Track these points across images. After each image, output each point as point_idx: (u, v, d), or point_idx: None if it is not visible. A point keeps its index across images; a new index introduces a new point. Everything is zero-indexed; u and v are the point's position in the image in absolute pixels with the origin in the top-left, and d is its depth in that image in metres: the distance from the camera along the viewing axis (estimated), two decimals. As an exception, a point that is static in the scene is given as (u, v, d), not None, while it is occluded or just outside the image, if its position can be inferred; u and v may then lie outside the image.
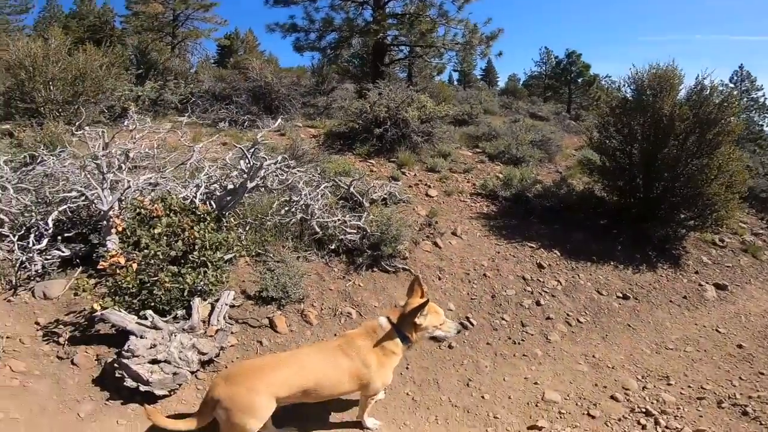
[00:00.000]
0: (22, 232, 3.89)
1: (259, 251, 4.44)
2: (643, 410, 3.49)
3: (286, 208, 4.87)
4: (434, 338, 2.92)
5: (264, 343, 3.64)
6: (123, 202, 4.24)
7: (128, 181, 4.29)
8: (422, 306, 2.72)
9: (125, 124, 5.39)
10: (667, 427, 3.28)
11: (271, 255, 4.40)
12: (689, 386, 3.86)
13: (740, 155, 5.80)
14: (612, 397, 3.67)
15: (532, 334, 4.33)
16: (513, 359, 4.04)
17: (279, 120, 6.05)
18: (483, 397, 3.59)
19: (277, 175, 5.10)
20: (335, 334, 3.75)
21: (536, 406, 3.53)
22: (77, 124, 5.34)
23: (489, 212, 6.14)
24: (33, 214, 4.05)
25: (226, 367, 3.26)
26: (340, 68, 15.22)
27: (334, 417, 3.28)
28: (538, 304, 4.68)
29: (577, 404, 3.58)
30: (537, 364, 4.02)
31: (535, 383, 3.78)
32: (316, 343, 3.21)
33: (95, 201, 4.02)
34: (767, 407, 3.56)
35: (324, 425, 3.19)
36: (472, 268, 4.99)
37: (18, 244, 3.70)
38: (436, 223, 5.46)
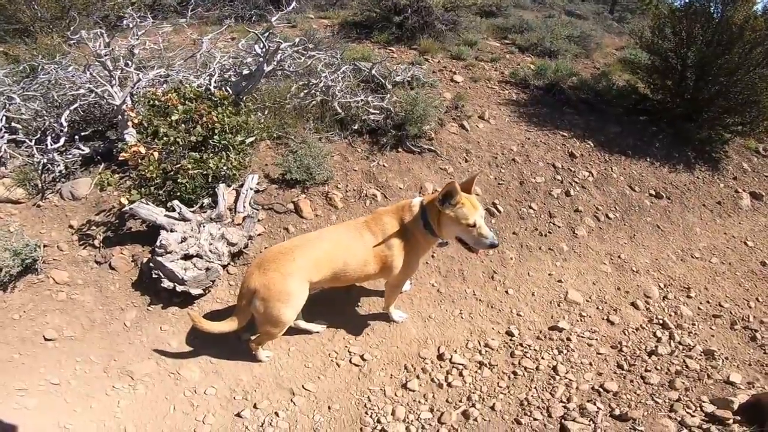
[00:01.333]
0: (38, 136, 3.72)
1: (280, 134, 4.15)
2: (661, 322, 3.45)
3: (305, 91, 4.47)
4: (462, 242, 2.47)
5: (290, 229, 3.51)
6: (135, 97, 3.98)
7: (137, 75, 4.02)
8: (449, 189, 2.30)
9: (124, 23, 4.92)
10: (680, 343, 3.25)
11: (293, 137, 4.11)
12: (708, 301, 3.77)
13: None
14: (633, 304, 3.60)
15: (559, 227, 4.15)
16: (538, 252, 3.91)
17: (293, 3, 5.38)
18: (507, 292, 3.52)
19: (294, 59, 4.67)
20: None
21: (558, 305, 3.48)
22: (72, 29, 4.86)
23: (519, 99, 5.67)
24: (45, 118, 3.87)
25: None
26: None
27: (362, 310, 3.23)
28: (567, 194, 4.42)
29: (598, 308, 3.52)
30: (562, 260, 3.89)
31: (559, 281, 3.69)
32: (344, 222, 3.02)
33: (106, 97, 3.76)
34: None
35: (352, 318, 3.15)
36: (500, 152, 4.68)
37: (36, 148, 3.54)
38: (462, 107, 5.06)
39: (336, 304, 3.14)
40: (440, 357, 2.95)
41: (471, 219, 2.35)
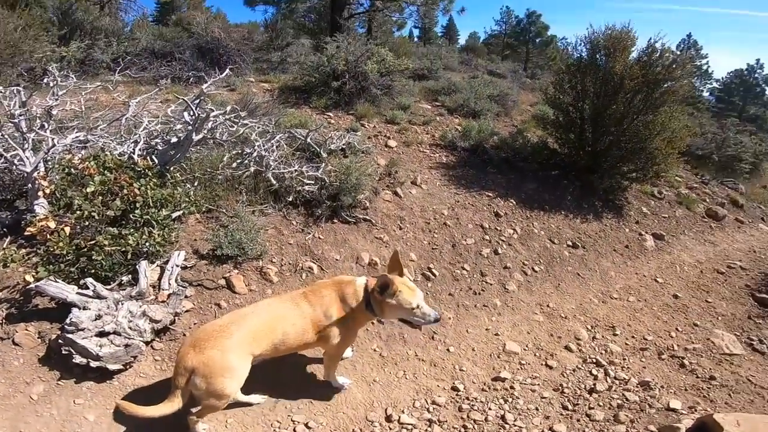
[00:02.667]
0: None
1: (210, 207, 4.04)
2: (594, 361, 3.61)
3: (239, 161, 4.41)
4: (406, 321, 2.56)
5: (222, 305, 3.35)
6: (49, 163, 3.71)
7: (53, 140, 3.69)
8: (383, 283, 2.40)
9: (44, 81, 4.62)
10: (615, 378, 3.38)
11: (224, 210, 4.01)
12: (633, 336, 4.01)
13: (682, 114, 5.94)
14: (566, 348, 3.76)
15: (491, 284, 4.32)
16: (474, 310, 4.02)
17: (227, 70, 5.38)
18: (448, 350, 3.55)
19: (227, 127, 4.59)
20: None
21: (498, 357, 3.56)
22: (-9, 82, 4.48)
23: (448, 162, 5.98)
24: (-55, 184, 3.45)
25: (185, 335, 2.99)
26: (295, 23, 14.13)
27: (305, 378, 3.10)
28: (496, 253, 4.64)
29: (535, 355, 3.64)
30: (497, 314, 4.03)
31: (496, 334, 3.79)
32: (280, 294, 3.01)
33: (17, 163, 3.45)
34: (702, 360, 3.75)
35: (295, 386, 3.03)
36: (433, 217, 4.86)
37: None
38: (396, 173, 5.24)
39: (278, 372, 2.99)
40: (388, 419, 2.88)
41: (413, 303, 2.44)
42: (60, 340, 2.68)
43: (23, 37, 7.18)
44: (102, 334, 2.71)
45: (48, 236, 2.95)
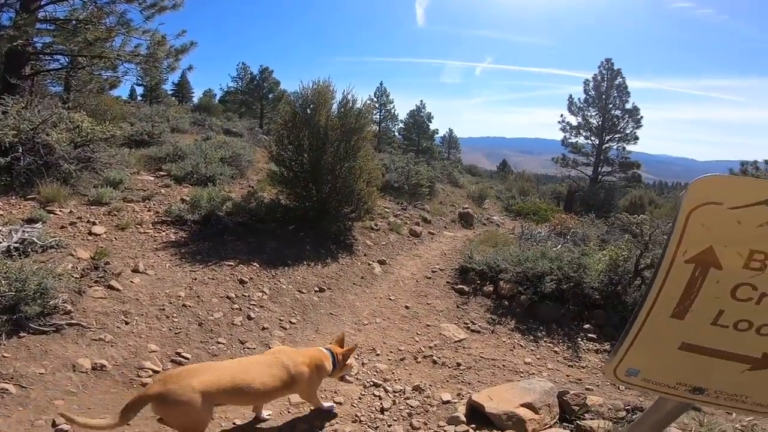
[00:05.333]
0: None
1: None
2: (372, 383, 3.76)
3: None
4: (342, 377, 3.43)
5: None
6: None
7: None
8: (351, 351, 3.23)
9: None
10: (394, 392, 3.63)
11: None
12: (390, 352, 4.45)
13: (373, 157, 7.11)
14: (343, 380, 3.80)
15: (253, 348, 4.13)
16: None
17: None
18: (234, 423, 3.06)
19: None
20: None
21: (288, 412, 3.27)
22: None
23: (178, 239, 5.42)
24: None
25: None
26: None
27: None
28: (249, 318, 4.46)
29: (322, 397, 3.49)
30: None
31: None
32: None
33: None
34: (444, 352, 4.46)
35: None
36: (168, 302, 4.31)
37: None
38: (106, 264, 4.40)
39: None
40: None
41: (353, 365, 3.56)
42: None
43: None
44: None
45: None
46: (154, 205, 6.05)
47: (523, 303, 5.68)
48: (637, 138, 23.16)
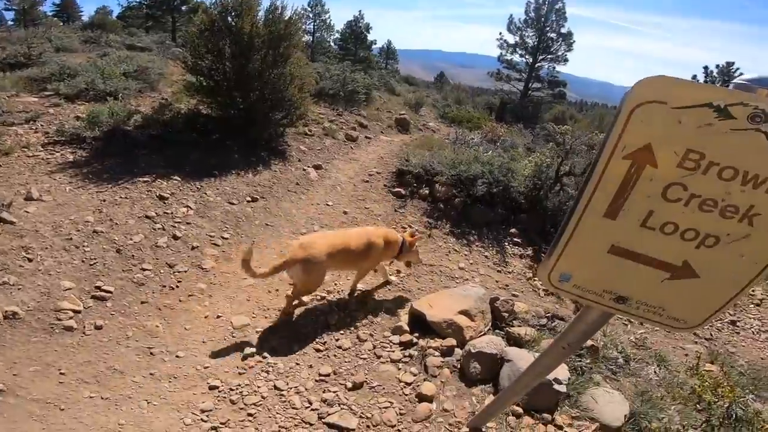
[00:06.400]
0: None
1: None
2: (320, 296, 3.67)
3: None
4: (408, 263, 3.99)
5: None
6: None
7: None
8: (417, 239, 3.76)
9: None
10: (338, 305, 3.59)
11: None
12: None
13: (306, 64, 6.58)
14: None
15: (185, 271, 3.81)
16: (181, 305, 3.47)
17: None
18: (177, 356, 2.98)
19: None
20: None
21: (233, 336, 3.21)
22: None
23: (77, 160, 4.68)
24: None
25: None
26: None
27: None
28: (175, 237, 4.08)
29: (265, 317, 3.45)
30: (208, 297, 3.59)
31: (218, 316, 3.38)
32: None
33: None
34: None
35: None
36: (74, 230, 3.77)
37: None
38: None
39: None
40: None
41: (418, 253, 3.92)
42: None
43: None
44: None
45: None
46: (42, 126, 5.04)
47: (458, 206, 5.83)
48: (567, 60, 25.06)
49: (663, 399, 2.98)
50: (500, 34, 26.17)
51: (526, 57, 25.78)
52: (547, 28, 24.81)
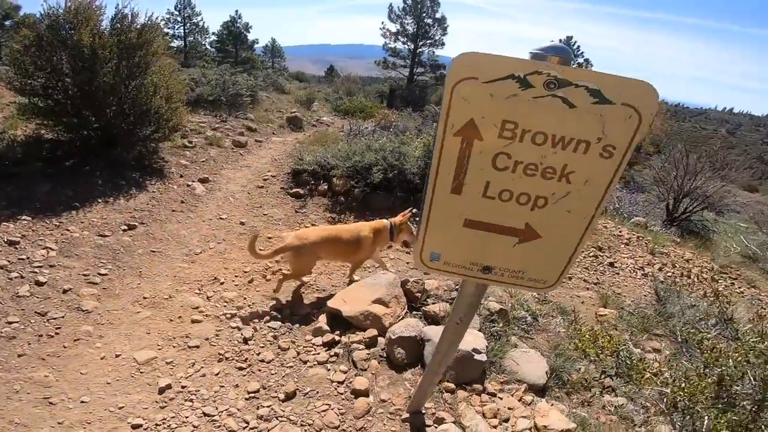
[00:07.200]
0: None
1: None
2: (227, 315, 3.44)
3: None
4: (406, 242, 3.95)
5: None
6: None
7: None
8: (406, 217, 3.81)
9: None
10: (252, 319, 3.39)
11: None
12: (236, 276, 4.03)
13: (172, 71, 5.98)
14: (194, 321, 3.37)
15: (62, 316, 3.22)
16: (67, 351, 2.96)
17: None
18: (83, 401, 2.58)
19: None
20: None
21: (140, 372, 2.83)
22: None
23: None
24: None
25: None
26: None
27: None
28: (39, 284, 3.44)
29: (173, 347, 3.10)
30: (98, 338, 3.11)
31: (117, 355, 2.97)
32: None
33: None
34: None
35: None
36: None
37: None
38: None
39: None
40: None
41: (413, 232, 3.79)
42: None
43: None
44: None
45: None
46: None
47: (358, 196, 5.85)
48: (444, 43, 26.94)
49: (577, 350, 3.25)
50: (382, 23, 27.14)
51: (408, 44, 27.12)
52: (424, 14, 26.30)
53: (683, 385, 2.03)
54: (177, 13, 30.19)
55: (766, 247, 8.80)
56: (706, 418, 1.96)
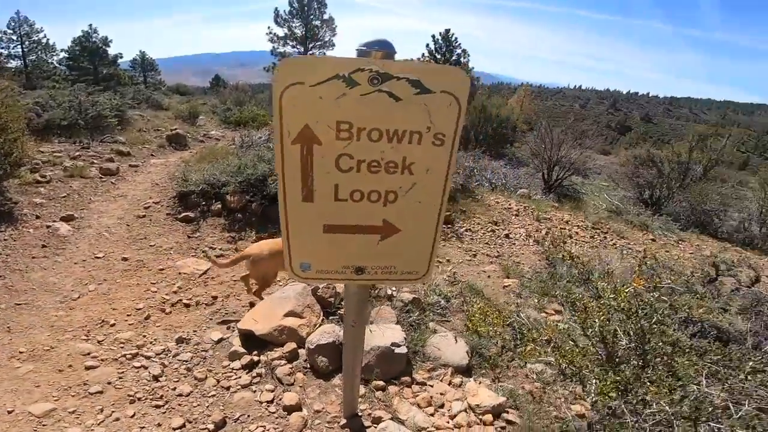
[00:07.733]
0: None
1: None
2: (127, 357, 3.06)
3: None
4: None
5: None
6: None
7: None
8: None
9: None
10: (157, 354, 3.10)
11: None
12: (128, 315, 3.62)
13: (18, 92, 5.03)
14: (89, 368, 2.95)
15: None
16: None
17: None
18: None
19: None
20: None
21: (42, 425, 2.46)
22: None
23: None
24: None
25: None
26: None
27: None
28: None
29: (72, 396, 2.70)
30: None
31: (10, 411, 2.54)
32: None
33: None
34: (192, 291, 3.98)
35: None
36: None
37: None
38: None
39: None
40: None
41: None
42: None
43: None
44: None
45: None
46: None
47: (256, 210, 5.56)
48: (334, 44, 26.95)
49: (492, 327, 3.41)
50: (269, 27, 26.53)
51: (298, 47, 26.68)
52: (311, 17, 26.19)
53: (563, 352, 2.20)
54: (11, 31, 26.58)
55: (626, 201, 10.37)
56: (594, 380, 2.06)
